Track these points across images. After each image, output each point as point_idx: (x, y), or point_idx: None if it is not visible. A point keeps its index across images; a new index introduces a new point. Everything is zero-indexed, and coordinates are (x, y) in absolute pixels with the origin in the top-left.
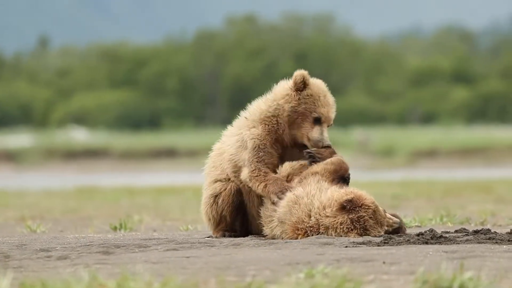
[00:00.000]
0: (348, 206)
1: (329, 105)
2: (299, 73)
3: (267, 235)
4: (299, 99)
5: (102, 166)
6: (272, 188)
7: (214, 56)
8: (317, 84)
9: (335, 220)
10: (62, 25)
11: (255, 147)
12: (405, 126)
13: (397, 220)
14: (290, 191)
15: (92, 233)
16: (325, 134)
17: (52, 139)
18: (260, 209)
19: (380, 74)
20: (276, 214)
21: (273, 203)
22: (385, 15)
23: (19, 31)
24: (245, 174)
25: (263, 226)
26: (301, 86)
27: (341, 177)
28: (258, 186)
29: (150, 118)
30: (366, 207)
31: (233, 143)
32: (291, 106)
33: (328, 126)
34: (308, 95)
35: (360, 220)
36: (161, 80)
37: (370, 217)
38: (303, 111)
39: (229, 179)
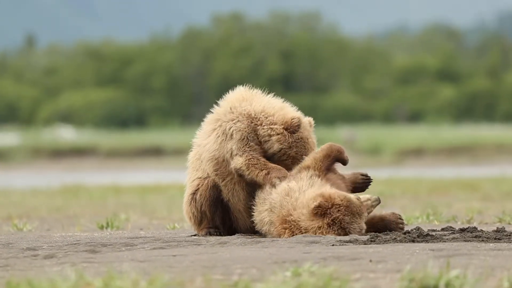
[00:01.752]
0: (319, 212)
1: (315, 146)
2: (297, 117)
3: (255, 222)
4: (290, 142)
5: (89, 165)
6: (275, 174)
7: (201, 54)
8: (305, 126)
9: (312, 224)
10: (48, 24)
11: (243, 138)
12: (391, 124)
13: (375, 197)
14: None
15: (79, 231)
16: None
17: (39, 137)
18: (248, 203)
19: (367, 72)
20: (269, 198)
21: (274, 187)
22: (372, 13)
23: (5, 30)
24: (239, 162)
25: (255, 207)
26: (295, 130)
27: (336, 159)
28: (258, 173)
29: (136, 116)
30: (338, 206)
31: (212, 140)
32: (282, 148)
33: None
34: (299, 139)
35: (336, 221)
36: (147, 79)
37: (344, 215)
38: (293, 155)
39: (207, 176)
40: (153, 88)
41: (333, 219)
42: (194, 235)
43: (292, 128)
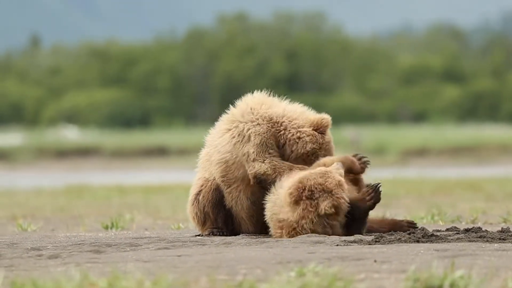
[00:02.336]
0: (294, 197)
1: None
2: (327, 118)
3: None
4: (321, 143)
5: (93, 165)
6: None
7: (205, 55)
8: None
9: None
10: (53, 24)
11: (263, 143)
12: (396, 125)
13: (338, 163)
14: None
15: (83, 232)
16: None
17: (43, 137)
18: (250, 211)
19: (371, 72)
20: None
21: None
22: (376, 13)
23: (10, 30)
24: (262, 168)
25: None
26: (325, 130)
27: (348, 169)
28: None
29: (141, 116)
30: (309, 186)
31: (225, 141)
32: (313, 148)
33: None
34: (327, 141)
35: (312, 200)
36: (151, 79)
37: (315, 189)
38: (322, 156)
39: (211, 178)
40: (157, 88)
41: (305, 199)
42: (199, 235)
43: (322, 128)
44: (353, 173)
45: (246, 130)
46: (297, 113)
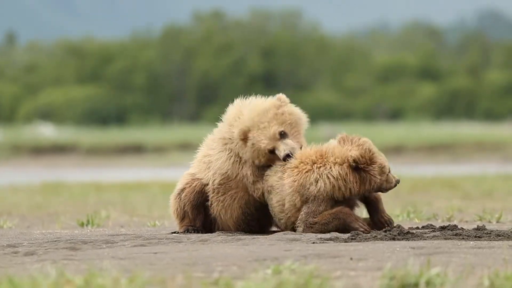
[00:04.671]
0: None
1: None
2: (281, 96)
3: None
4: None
5: (69, 162)
6: None
7: (182, 52)
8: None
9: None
10: (29, 21)
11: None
12: (372, 122)
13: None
14: None
15: (59, 229)
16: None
17: (19, 134)
18: (238, 221)
19: (348, 70)
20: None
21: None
22: (352, 11)
23: None
24: (260, 187)
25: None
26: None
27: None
28: None
29: (117, 114)
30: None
31: (224, 158)
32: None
33: None
34: (282, 113)
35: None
36: (128, 76)
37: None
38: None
39: (196, 179)
40: (134, 86)
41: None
42: (175, 233)
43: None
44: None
45: (241, 154)
46: (267, 117)
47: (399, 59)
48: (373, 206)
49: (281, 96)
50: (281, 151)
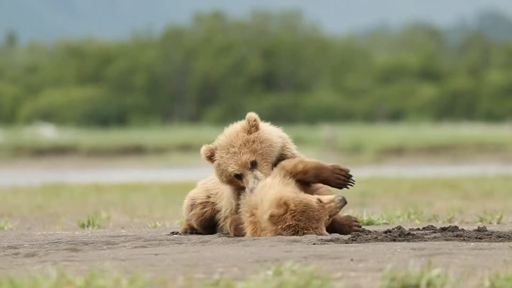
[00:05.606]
0: (273, 220)
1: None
2: (251, 115)
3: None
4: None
5: (70, 163)
6: None
7: (182, 53)
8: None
9: (269, 227)
10: (29, 22)
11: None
12: (372, 123)
13: (339, 197)
14: None
15: (60, 230)
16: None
17: (20, 135)
18: None
19: (348, 71)
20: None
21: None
22: (353, 12)
23: None
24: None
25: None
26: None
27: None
28: None
29: (117, 114)
30: (292, 212)
31: (230, 190)
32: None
33: None
34: (252, 139)
35: (290, 227)
36: (128, 77)
37: (299, 221)
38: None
39: (211, 203)
40: (134, 87)
41: (287, 225)
42: (175, 233)
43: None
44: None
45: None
46: (238, 142)
47: (400, 60)
48: None
49: (251, 117)
50: (249, 183)
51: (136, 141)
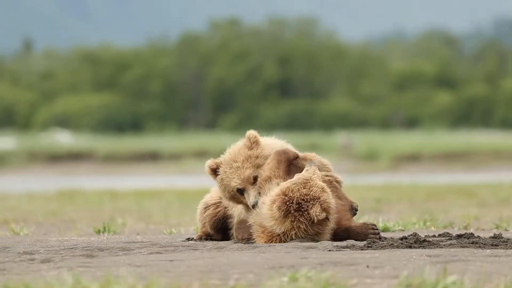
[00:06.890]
0: (282, 209)
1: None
2: (251, 133)
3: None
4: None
5: (85, 169)
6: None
7: (198, 60)
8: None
9: (284, 224)
10: (45, 28)
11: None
12: (388, 130)
13: (309, 163)
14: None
15: (76, 236)
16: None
17: (35, 142)
18: None
19: (363, 78)
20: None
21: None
22: (369, 19)
23: (2, 34)
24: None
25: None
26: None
27: (288, 160)
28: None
29: (133, 121)
30: (294, 192)
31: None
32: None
33: None
34: (255, 156)
35: (301, 207)
36: (144, 83)
37: (304, 195)
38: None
39: (220, 202)
40: (150, 93)
41: (297, 205)
42: (190, 239)
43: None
44: (292, 161)
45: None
46: (240, 158)
47: (416, 67)
48: None
49: (251, 134)
50: (251, 198)
51: (152, 147)
